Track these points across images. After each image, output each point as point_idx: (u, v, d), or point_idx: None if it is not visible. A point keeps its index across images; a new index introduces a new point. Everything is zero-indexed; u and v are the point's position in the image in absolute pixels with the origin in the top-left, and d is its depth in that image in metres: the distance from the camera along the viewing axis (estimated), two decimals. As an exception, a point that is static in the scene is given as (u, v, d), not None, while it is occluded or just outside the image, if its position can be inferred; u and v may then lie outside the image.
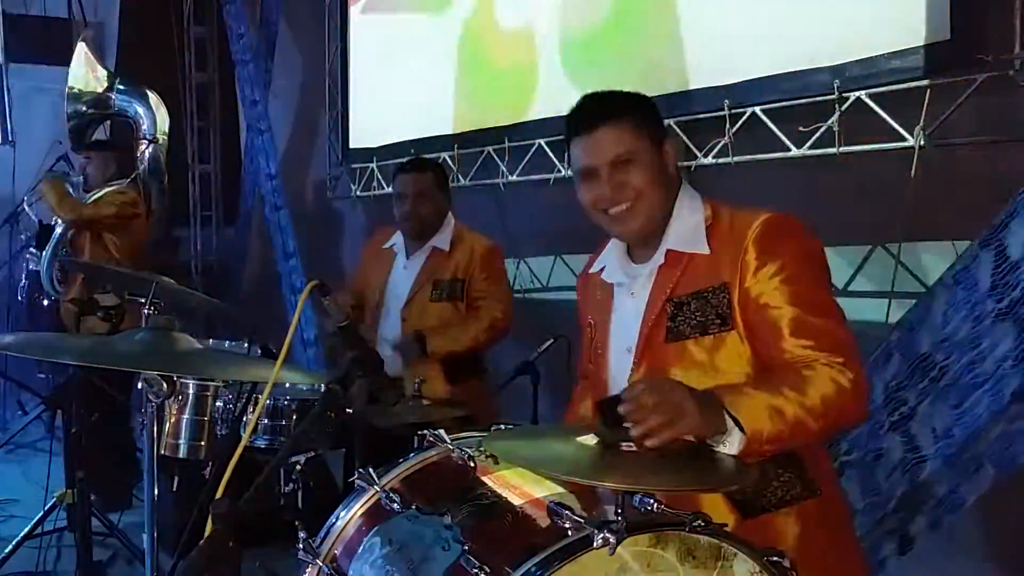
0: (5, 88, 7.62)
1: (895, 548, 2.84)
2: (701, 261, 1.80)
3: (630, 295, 1.91)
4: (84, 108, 6.20)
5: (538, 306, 4.93)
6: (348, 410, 3.41)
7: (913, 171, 3.00)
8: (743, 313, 1.73)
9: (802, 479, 1.77)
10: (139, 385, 1.93)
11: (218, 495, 1.31)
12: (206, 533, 1.25)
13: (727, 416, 1.56)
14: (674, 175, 1.89)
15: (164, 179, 6.72)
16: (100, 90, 6.26)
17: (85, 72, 6.21)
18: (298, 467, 3.39)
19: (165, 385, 1.86)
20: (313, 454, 3.20)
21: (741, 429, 1.57)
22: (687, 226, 1.84)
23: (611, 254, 2.00)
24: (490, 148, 5.12)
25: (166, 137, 6.59)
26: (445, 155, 5.42)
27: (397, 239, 3.60)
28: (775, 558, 1.50)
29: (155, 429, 2.02)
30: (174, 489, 3.72)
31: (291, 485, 3.38)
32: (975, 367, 2.52)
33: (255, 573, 2.88)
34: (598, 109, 1.85)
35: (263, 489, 1.27)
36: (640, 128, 1.83)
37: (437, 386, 3.41)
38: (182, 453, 3.31)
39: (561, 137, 1.98)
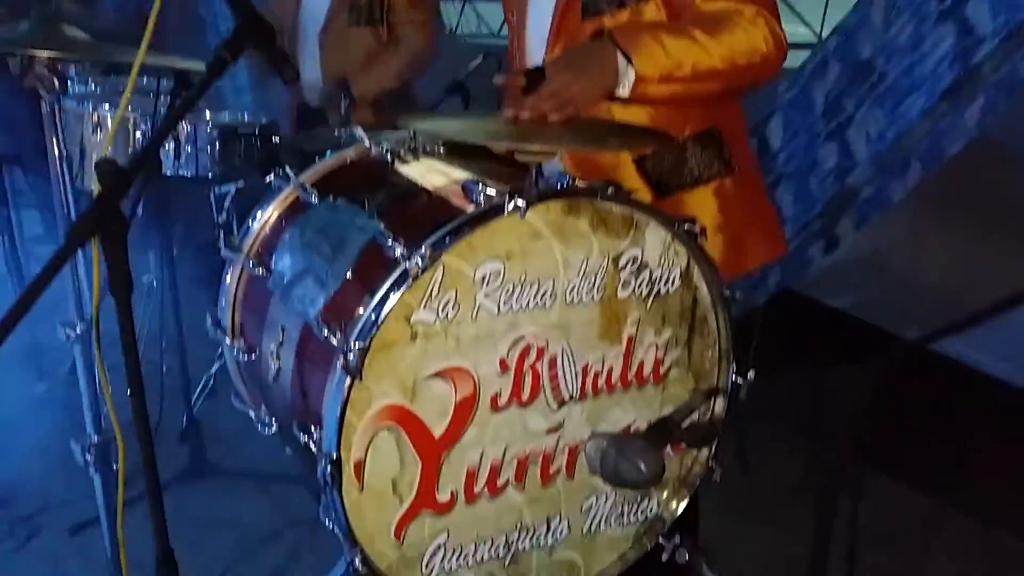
0: None
1: (822, 248, 2.95)
2: None
3: None
4: None
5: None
6: (275, 138, 3.36)
7: None
8: None
9: (720, 157, 1.79)
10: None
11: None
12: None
13: (619, 55, 1.55)
14: None
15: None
16: None
17: None
18: (230, 196, 3.38)
19: (56, 81, 1.75)
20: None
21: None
22: None
23: None
24: None
25: None
26: None
27: None
28: (686, 225, 1.54)
29: (56, 137, 1.92)
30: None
31: (224, 215, 3.39)
32: (914, 69, 2.50)
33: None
34: None
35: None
36: None
37: (364, 116, 3.33)
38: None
39: None
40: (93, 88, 3.53)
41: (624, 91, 1.57)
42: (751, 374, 1.61)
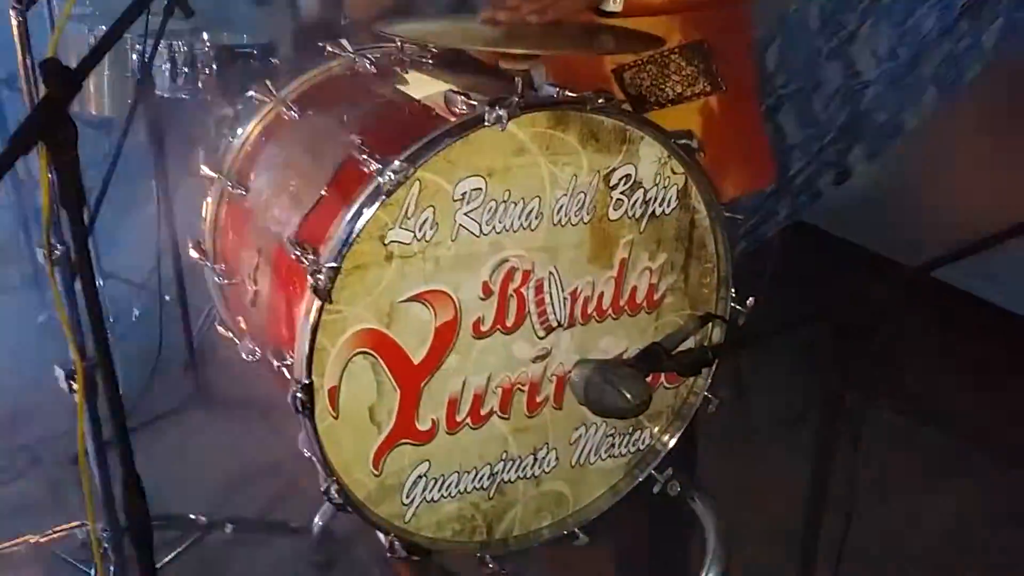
0: None
1: (831, 179, 2.82)
2: None
3: None
4: None
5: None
6: (273, 59, 3.24)
7: None
8: None
9: (707, 73, 1.65)
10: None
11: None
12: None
13: None
14: None
15: None
16: None
17: None
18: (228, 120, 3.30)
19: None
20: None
21: None
22: None
23: None
24: None
25: None
26: None
27: None
28: (683, 141, 1.44)
29: (23, 44, 1.83)
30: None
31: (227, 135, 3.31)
32: (921, -22, 2.33)
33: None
34: None
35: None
36: None
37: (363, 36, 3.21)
38: (107, 111, 3.22)
39: None
40: (92, 11, 3.44)
41: (617, 4, 1.44)
42: (751, 301, 1.52)
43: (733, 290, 1.55)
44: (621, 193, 1.44)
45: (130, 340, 3.10)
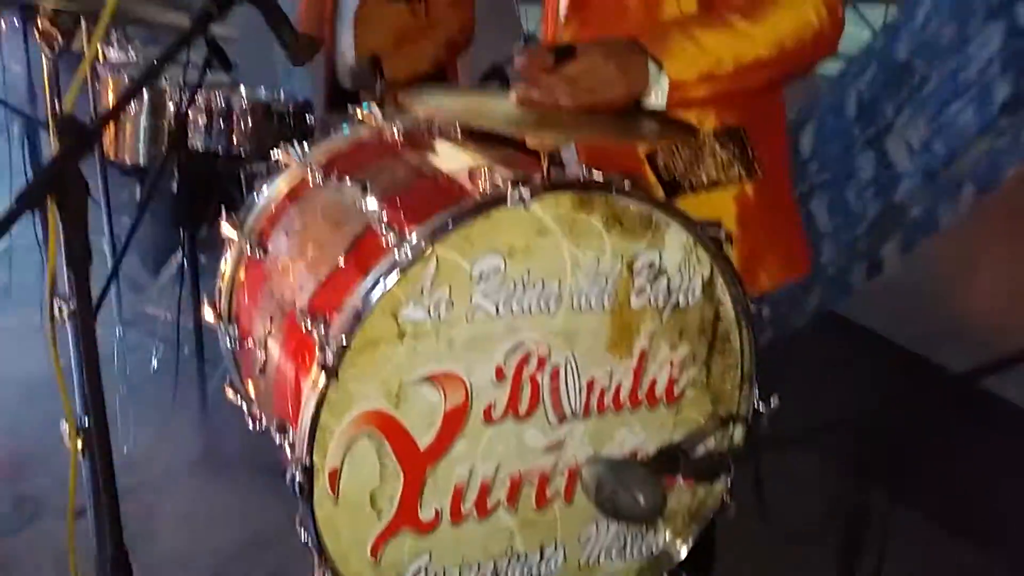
0: None
1: (863, 272, 2.76)
2: None
3: None
4: None
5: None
6: (309, 119, 3.28)
7: None
8: None
9: (742, 159, 1.61)
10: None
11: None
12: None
13: (650, 62, 1.37)
14: None
15: None
16: None
17: None
18: (261, 175, 3.31)
19: (59, 35, 1.66)
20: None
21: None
22: None
23: None
24: None
25: None
26: None
27: None
28: (711, 230, 1.39)
29: (52, 90, 1.83)
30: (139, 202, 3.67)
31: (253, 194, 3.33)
32: (958, 74, 2.29)
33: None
34: None
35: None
36: None
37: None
38: (141, 159, 3.25)
39: None
40: (132, 56, 3.50)
41: (659, 100, 1.39)
42: (775, 401, 1.46)
43: (757, 388, 1.48)
44: (644, 280, 1.39)
45: (145, 391, 3.08)
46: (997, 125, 2.26)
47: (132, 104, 3.09)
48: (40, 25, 1.64)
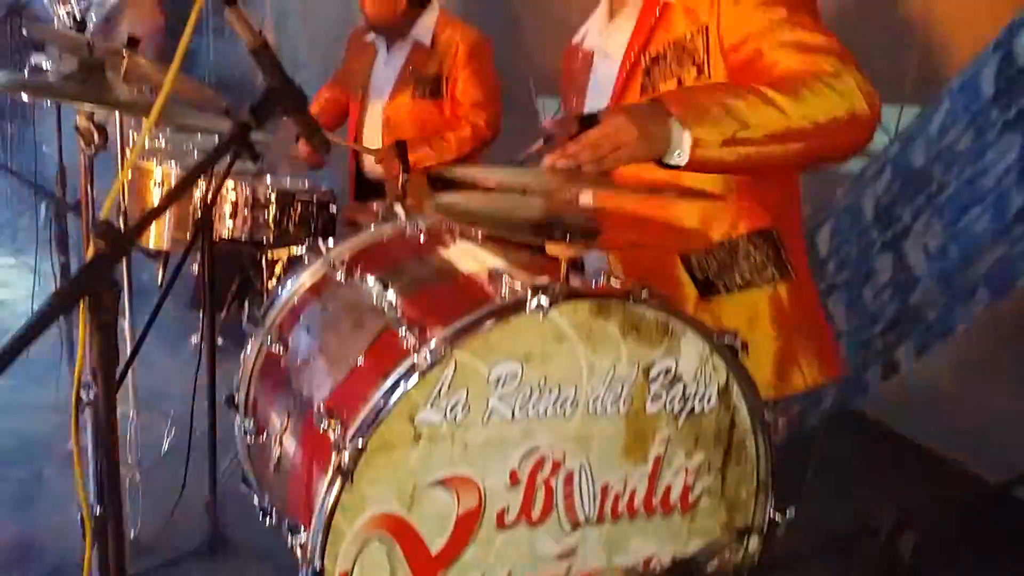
0: None
1: (879, 372, 2.76)
2: (677, 7, 1.60)
3: (606, 57, 1.74)
4: None
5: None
6: (332, 208, 3.34)
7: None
8: (725, 55, 1.54)
9: (776, 261, 1.63)
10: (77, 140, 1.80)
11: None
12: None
13: (673, 120, 1.36)
14: None
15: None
16: None
17: None
18: (281, 263, 3.37)
19: (96, 134, 1.72)
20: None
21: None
22: None
23: (593, 19, 1.82)
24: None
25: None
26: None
27: None
28: (726, 339, 1.40)
29: (87, 188, 1.89)
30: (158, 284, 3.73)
31: (274, 281, 3.37)
32: (975, 182, 2.33)
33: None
34: None
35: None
36: None
37: (420, 192, 3.30)
38: (165, 244, 3.31)
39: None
40: (162, 144, 3.59)
41: (681, 157, 1.37)
42: (791, 512, 1.44)
43: (773, 497, 1.47)
44: (660, 387, 1.40)
45: (156, 474, 3.06)
46: (1012, 232, 2.29)
47: (158, 191, 3.17)
48: (78, 122, 1.70)
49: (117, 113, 2.11)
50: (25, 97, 3.31)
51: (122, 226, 2.89)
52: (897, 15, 2.97)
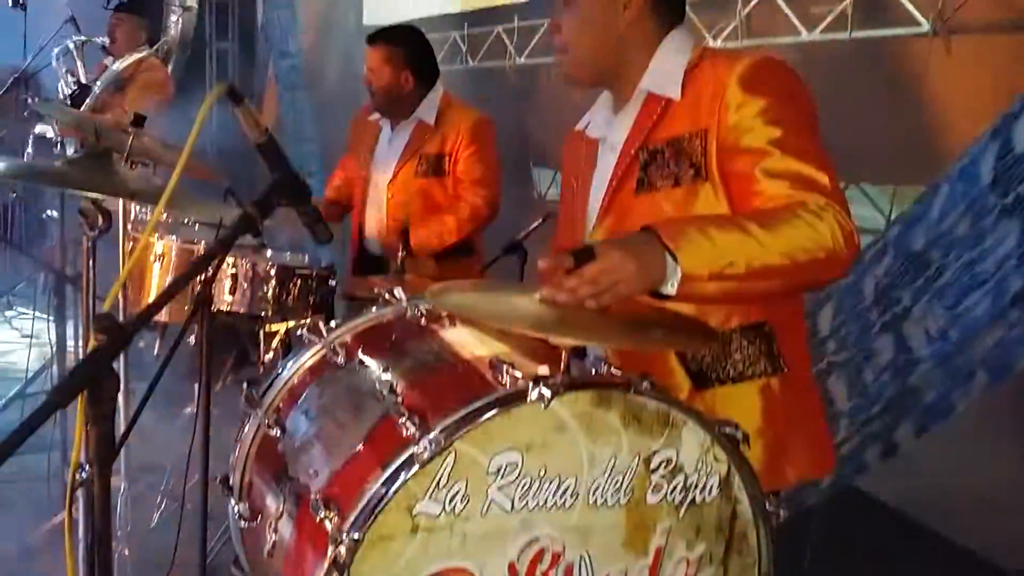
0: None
1: (878, 453, 2.75)
2: (680, 107, 1.64)
3: (610, 149, 1.77)
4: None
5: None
6: (331, 282, 3.34)
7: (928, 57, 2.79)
8: (720, 161, 1.58)
9: (768, 354, 1.65)
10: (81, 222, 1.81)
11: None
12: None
13: (667, 254, 1.41)
14: (641, 21, 1.72)
15: (188, 51, 6.42)
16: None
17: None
18: (279, 336, 3.36)
19: (100, 217, 1.74)
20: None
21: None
22: (665, 68, 1.68)
23: (597, 108, 1.86)
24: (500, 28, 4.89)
25: (196, 7, 6.34)
26: (455, 34, 5.21)
27: None
28: (728, 429, 1.40)
29: (89, 263, 1.90)
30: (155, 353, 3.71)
31: (271, 354, 3.35)
32: (975, 266, 2.36)
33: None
34: None
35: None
36: None
37: (423, 265, 3.32)
38: (164, 316, 3.30)
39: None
40: (163, 216, 3.61)
41: (671, 289, 1.43)
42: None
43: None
44: (661, 477, 1.39)
45: (145, 548, 3.01)
46: (1009, 316, 2.31)
47: (158, 265, 3.18)
48: (82, 205, 1.71)
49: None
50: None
51: (122, 305, 2.90)
52: (895, 96, 3.04)
